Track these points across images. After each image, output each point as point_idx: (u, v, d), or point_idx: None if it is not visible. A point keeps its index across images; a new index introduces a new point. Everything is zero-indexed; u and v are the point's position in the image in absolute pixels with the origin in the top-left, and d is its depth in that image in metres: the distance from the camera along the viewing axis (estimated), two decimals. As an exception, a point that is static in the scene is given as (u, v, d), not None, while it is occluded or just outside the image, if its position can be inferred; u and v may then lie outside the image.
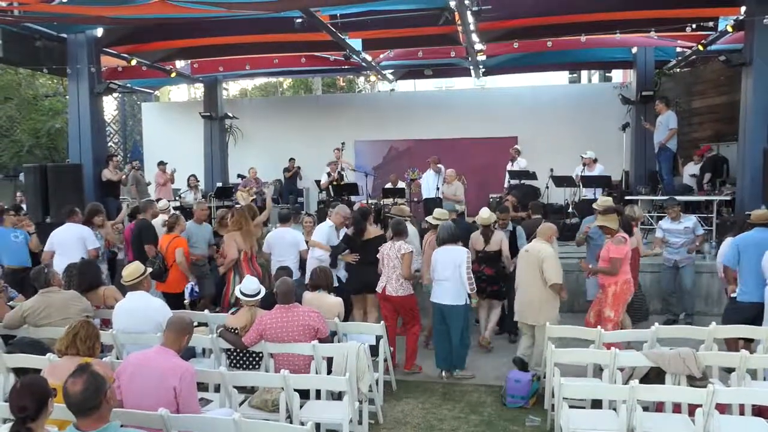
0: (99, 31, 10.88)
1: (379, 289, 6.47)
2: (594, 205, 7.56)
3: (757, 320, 5.68)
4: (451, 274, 6.08)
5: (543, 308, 6.02)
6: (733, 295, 6.09)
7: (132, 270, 5.38)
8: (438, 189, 11.29)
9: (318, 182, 13.20)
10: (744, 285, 5.96)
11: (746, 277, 5.93)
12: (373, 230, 7.12)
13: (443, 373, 6.31)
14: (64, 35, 10.91)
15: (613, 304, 6.06)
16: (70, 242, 7.29)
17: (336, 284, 6.58)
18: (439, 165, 11.86)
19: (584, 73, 21.73)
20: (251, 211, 8.44)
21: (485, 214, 7.18)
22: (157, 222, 8.04)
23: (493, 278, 7.17)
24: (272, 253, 7.47)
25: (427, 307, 6.90)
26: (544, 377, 5.47)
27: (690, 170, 11.79)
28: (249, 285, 5.53)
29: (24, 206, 10.49)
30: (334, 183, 12.40)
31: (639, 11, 10.00)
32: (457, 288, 6.09)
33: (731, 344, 5.79)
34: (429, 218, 7.21)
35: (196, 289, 7.24)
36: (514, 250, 7.08)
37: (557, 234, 6.39)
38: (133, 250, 7.77)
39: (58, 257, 7.15)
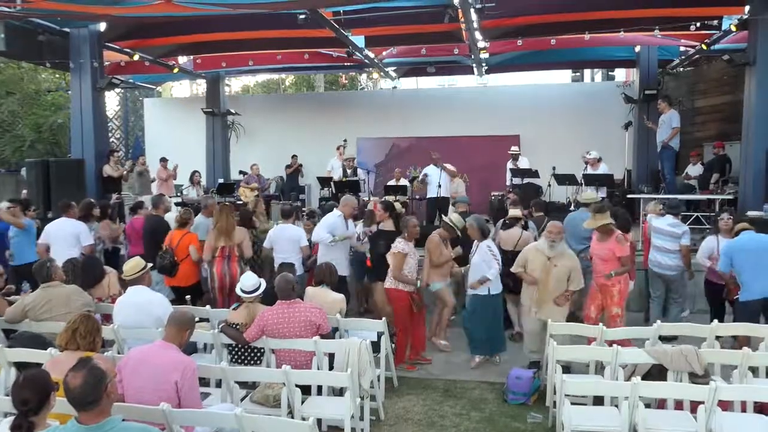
0: (102, 26, 10.89)
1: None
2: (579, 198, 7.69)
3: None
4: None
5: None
6: (736, 297, 6.16)
7: (133, 265, 5.39)
8: (440, 186, 11.23)
9: (321, 179, 13.13)
10: (743, 285, 6.03)
11: (745, 278, 6.01)
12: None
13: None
14: (67, 30, 10.91)
15: (619, 302, 6.21)
16: (64, 237, 7.32)
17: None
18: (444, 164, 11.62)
19: (587, 72, 21.68)
20: (260, 206, 8.40)
21: (514, 209, 7.61)
22: (168, 217, 8.07)
23: None
24: (274, 248, 7.47)
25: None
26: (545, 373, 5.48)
27: (690, 171, 11.77)
28: (247, 281, 5.51)
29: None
30: (345, 180, 12.32)
31: (643, 9, 9.98)
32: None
33: (744, 342, 5.78)
34: (447, 219, 7.21)
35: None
36: None
37: (563, 231, 6.36)
38: (146, 246, 7.74)
39: (51, 251, 7.17)
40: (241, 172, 14.39)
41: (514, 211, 7.57)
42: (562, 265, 6.07)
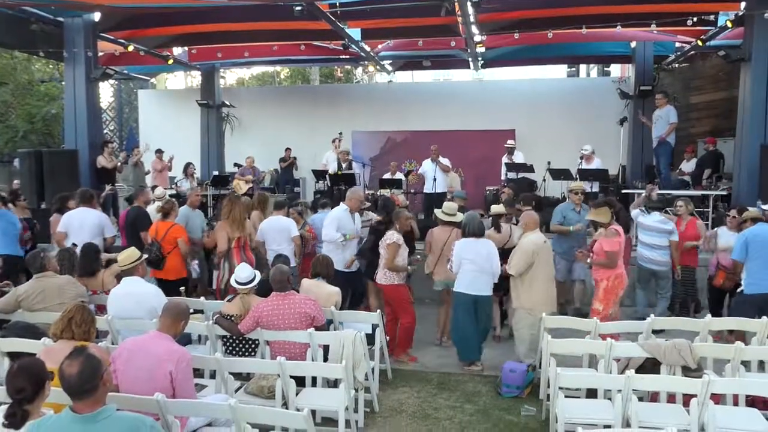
0: (96, 16, 10.78)
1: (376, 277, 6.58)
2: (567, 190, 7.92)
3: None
4: (488, 266, 6.15)
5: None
6: (740, 289, 6.17)
7: (128, 255, 5.37)
8: (435, 180, 11.22)
9: (316, 172, 13.08)
10: (751, 277, 6.00)
11: (754, 269, 5.98)
12: None
13: (467, 367, 6.29)
14: (61, 19, 10.78)
15: (603, 298, 6.18)
16: (89, 227, 7.20)
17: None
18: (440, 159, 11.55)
19: (582, 67, 21.67)
20: (262, 200, 8.31)
21: (496, 207, 7.42)
22: (151, 209, 8.01)
23: None
24: (266, 240, 7.39)
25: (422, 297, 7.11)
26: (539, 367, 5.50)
27: (684, 167, 11.81)
28: (241, 273, 5.50)
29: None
30: (340, 173, 12.26)
31: (640, 5, 9.99)
32: (490, 279, 6.21)
33: (739, 336, 5.79)
34: (438, 212, 7.06)
35: (197, 268, 7.32)
36: None
37: (538, 223, 6.39)
38: (127, 237, 7.72)
39: (71, 241, 7.05)
40: (235, 165, 14.34)
41: (496, 208, 7.37)
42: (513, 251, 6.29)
